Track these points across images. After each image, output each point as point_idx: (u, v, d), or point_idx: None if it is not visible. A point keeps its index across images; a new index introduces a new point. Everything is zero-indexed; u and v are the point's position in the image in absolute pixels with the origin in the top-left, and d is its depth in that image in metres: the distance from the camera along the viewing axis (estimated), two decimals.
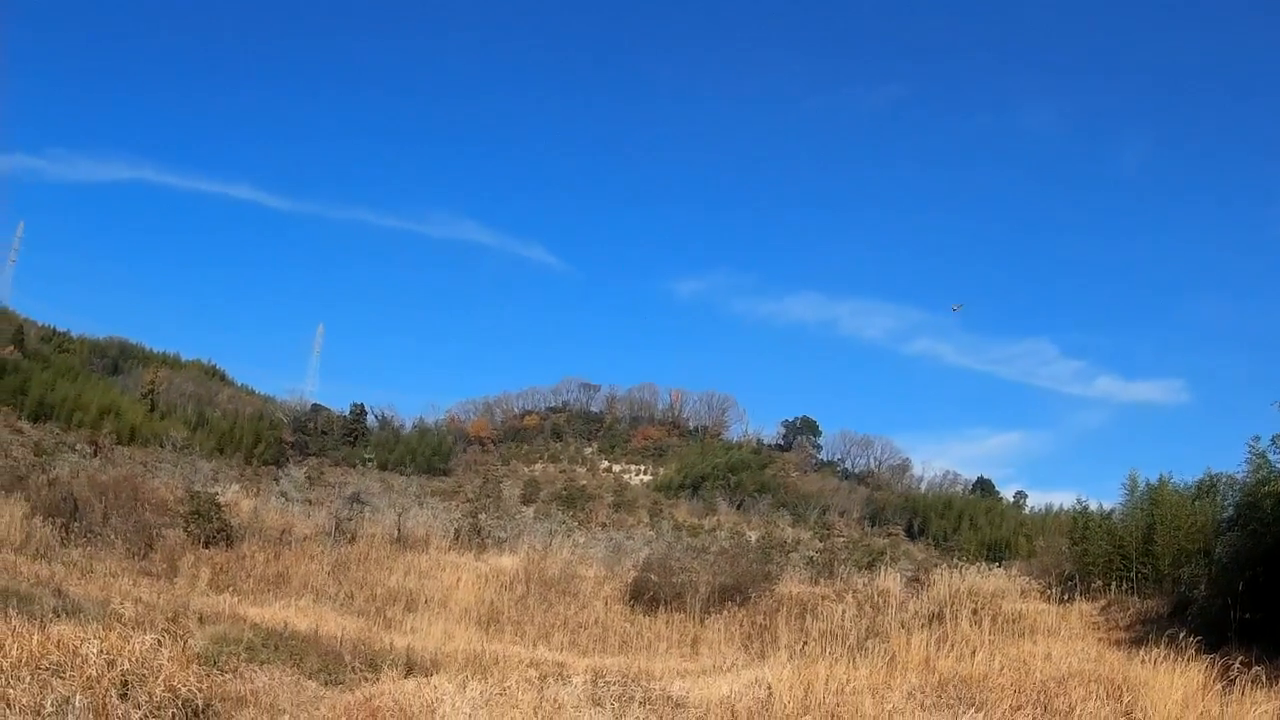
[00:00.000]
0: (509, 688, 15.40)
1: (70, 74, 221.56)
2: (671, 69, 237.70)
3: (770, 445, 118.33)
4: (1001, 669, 17.69)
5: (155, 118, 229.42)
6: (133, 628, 16.77)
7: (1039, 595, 31.96)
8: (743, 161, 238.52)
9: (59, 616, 17.82)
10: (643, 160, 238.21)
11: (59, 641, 14.43)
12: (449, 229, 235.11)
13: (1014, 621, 27.51)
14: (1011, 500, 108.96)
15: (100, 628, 15.97)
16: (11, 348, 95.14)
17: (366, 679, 17.87)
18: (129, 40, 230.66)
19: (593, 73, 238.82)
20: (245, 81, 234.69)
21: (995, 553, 65.94)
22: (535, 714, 14.08)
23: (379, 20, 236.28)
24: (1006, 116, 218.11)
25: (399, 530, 40.26)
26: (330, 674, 18.26)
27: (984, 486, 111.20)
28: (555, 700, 14.87)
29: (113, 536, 30.77)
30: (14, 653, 13.68)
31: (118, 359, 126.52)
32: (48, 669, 13.51)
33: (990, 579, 33.48)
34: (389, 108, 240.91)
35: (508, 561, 37.21)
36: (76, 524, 30.77)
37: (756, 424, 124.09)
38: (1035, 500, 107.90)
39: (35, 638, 14.32)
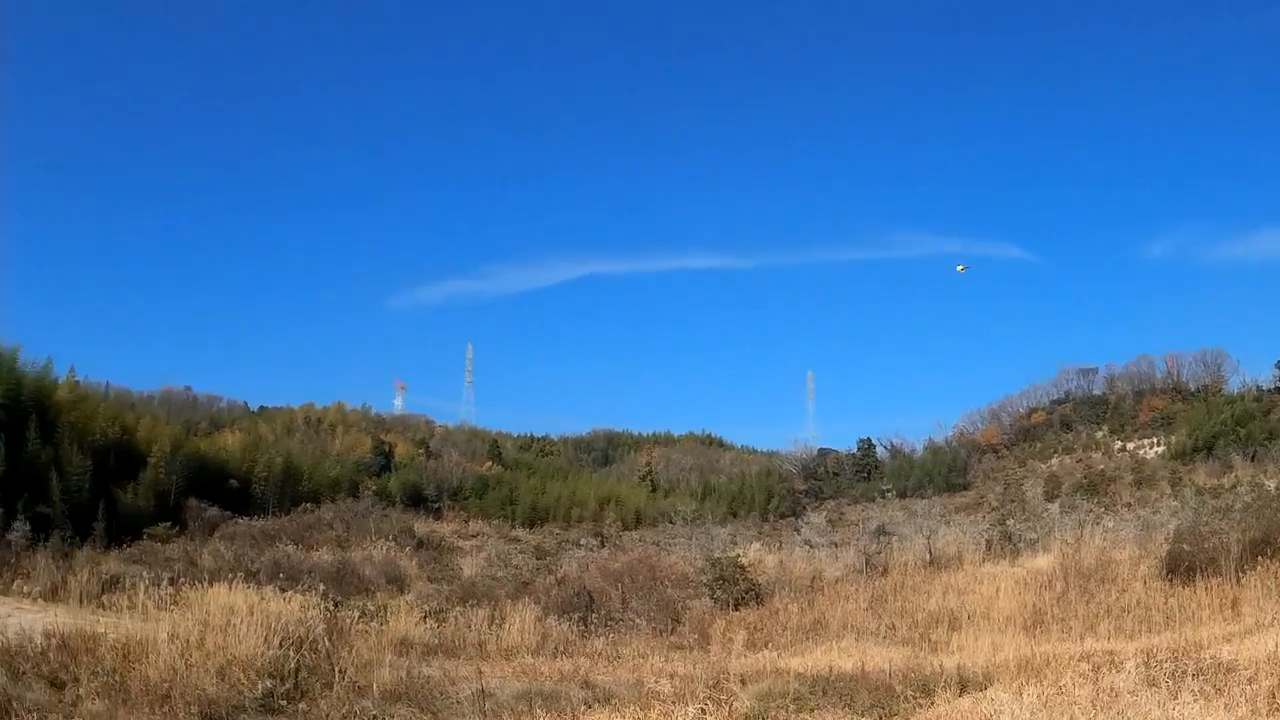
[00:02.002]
0: (1064, 685, 16.23)
1: (490, 195, 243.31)
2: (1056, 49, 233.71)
3: (1270, 389, 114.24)
4: None
5: (592, 213, 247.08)
6: (672, 702, 17.47)
7: None
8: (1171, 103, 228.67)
9: (590, 706, 18.31)
10: (1076, 132, 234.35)
11: None
12: (915, 248, 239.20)
13: None
14: None
15: (637, 708, 16.85)
16: (489, 463, 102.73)
17: (920, 705, 18.06)
18: (550, 149, 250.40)
19: (1004, 61, 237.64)
20: (687, 158, 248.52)
21: None
22: (1093, 706, 14.86)
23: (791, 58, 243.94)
24: None
25: (929, 553, 41.90)
26: (883, 707, 18.20)
27: None
28: (1111, 689, 15.74)
29: (635, 619, 31.72)
30: None
31: (606, 450, 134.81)
32: None
33: None
34: (821, 145, 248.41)
35: (1042, 561, 38.49)
36: (594, 615, 31.94)
37: (1253, 372, 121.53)
38: None
39: None
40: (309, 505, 70.43)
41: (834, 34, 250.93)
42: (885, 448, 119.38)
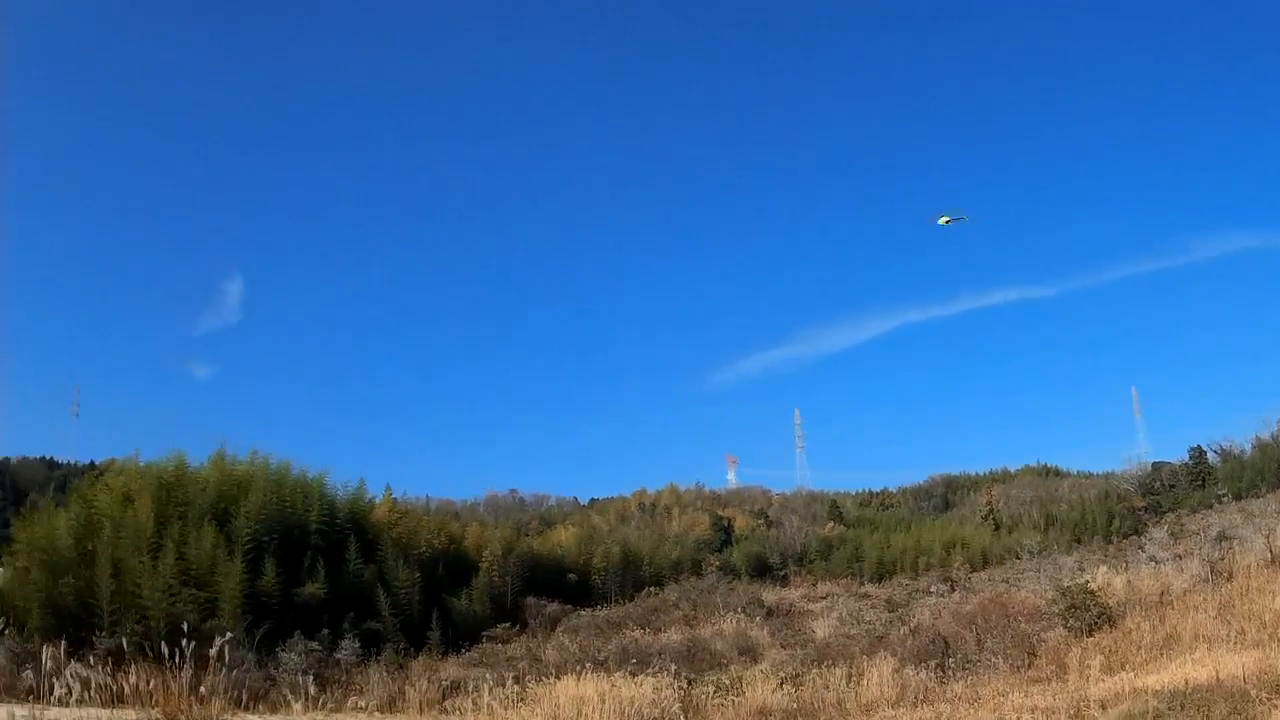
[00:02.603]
0: None
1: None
2: None
3: None
4: None
5: (891, 265, 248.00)
6: None
7: None
8: None
9: None
10: None
11: None
12: (1208, 249, 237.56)
13: None
14: None
15: None
16: (831, 524, 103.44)
17: (1276, 706, 18.39)
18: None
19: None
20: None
21: None
22: None
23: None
24: None
25: (1269, 552, 40.46)
26: (1240, 714, 18.53)
27: None
28: None
29: (991, 658, 32.05)
30: None
31: (945, 494, 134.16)
32: None
33: None
34: (1106, 162, 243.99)
35: None
36: (950, 660, 32.46)
37: None
38: None
39: None
40: (652, 589, 71.27)
41: (1098, 37, 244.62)
42: (1215, 452, 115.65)
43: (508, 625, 54.09)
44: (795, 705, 27.13)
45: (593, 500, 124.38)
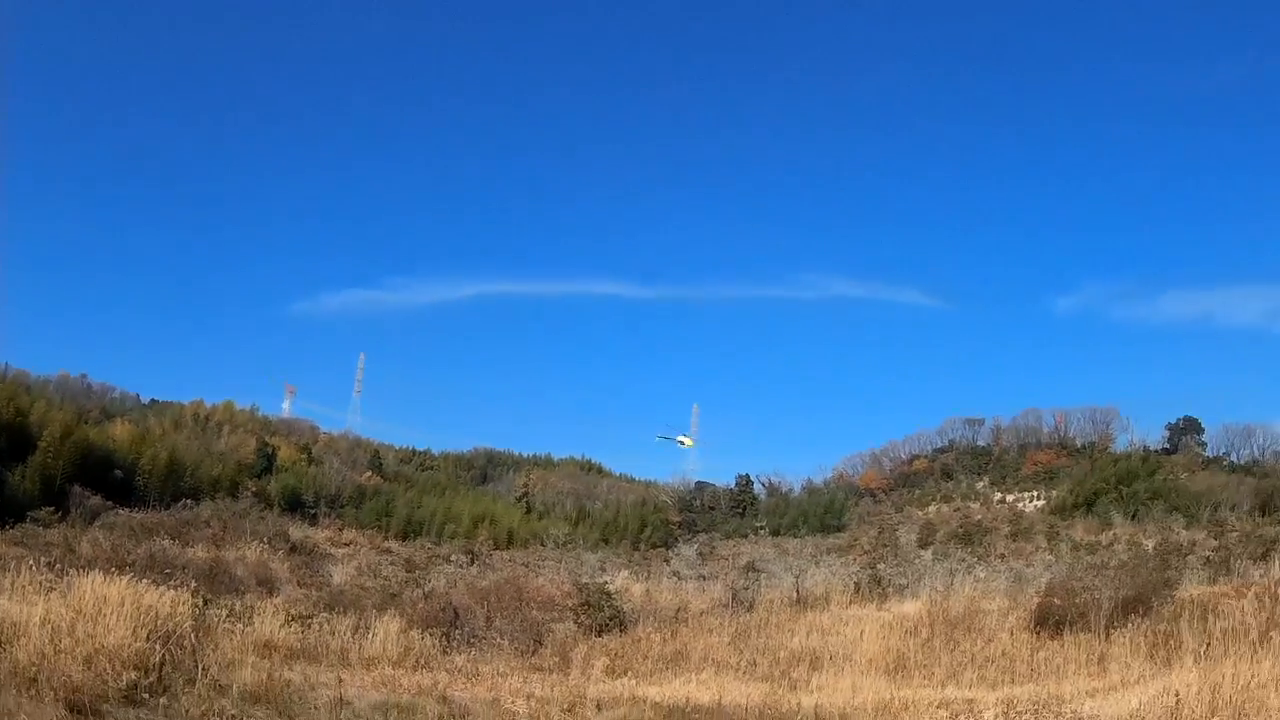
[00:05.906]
0: None
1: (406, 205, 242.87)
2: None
3: (1156, 450, 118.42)
4: None
5: (506, 232, 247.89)
6: None
7: None
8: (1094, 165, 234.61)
9: None
10: (1002, 183, 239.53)
11: None
12: (819, 289, 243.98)
13: None
14: None
15: None
16: (369, 473, 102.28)
17: None
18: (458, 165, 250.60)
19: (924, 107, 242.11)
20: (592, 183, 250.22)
21: None
22: None
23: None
24: None
25: (797, 592, 42.57)
26: None
27: None
28: None
29: (498, 638, 31.90)
30: None
31: (485, 468, 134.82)
32: None
33: None
34: (738, 182, 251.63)
35: (910, 607, 38.89)
36: (458, 632, 32.05)
37: (1142, 431, 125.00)
38: None
39: None
40: (189, 501, 70.94)
41: (751, 74, 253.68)
42: (763, 485, 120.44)
43: (52, 510, 54.61)
44: (300, 646, 26.55)
45: (153, 401, 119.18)
